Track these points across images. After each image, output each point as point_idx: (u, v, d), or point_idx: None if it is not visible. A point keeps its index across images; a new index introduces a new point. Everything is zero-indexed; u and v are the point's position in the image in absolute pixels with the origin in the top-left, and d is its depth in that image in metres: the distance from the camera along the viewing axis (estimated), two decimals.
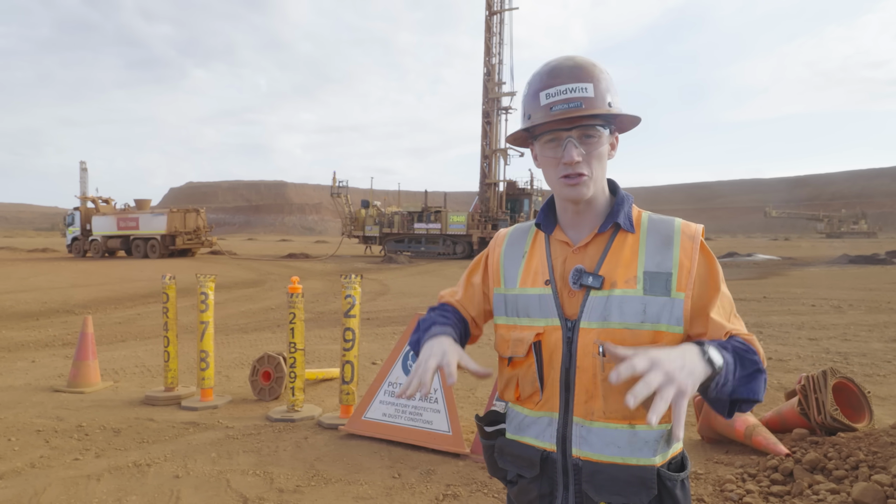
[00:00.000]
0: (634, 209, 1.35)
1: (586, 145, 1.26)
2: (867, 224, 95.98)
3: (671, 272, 1.24)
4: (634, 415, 1.21)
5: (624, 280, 1.24)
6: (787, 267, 24.44)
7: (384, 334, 8.81)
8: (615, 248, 1.29)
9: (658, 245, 1.27)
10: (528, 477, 1.32)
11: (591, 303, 1.25)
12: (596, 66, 1.28)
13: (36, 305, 12.28)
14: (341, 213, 36.92)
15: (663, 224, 1.31)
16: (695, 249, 1.25)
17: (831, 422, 3.86)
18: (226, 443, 4.26)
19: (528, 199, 33.39)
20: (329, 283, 17.81)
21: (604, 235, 1.31)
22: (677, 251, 1.25)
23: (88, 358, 5.79)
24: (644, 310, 1.22)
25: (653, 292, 1.23)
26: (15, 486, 3.52)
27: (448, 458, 3.96)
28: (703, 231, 1.31)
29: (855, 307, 11.39)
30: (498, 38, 33.06)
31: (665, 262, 1.25)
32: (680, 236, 1.27)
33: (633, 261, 1.26)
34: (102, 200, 35.32)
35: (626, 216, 1.31)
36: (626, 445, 1.22)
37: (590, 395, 1.24)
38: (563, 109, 1.23)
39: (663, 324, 1.22)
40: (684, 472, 1.26)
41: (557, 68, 1.27)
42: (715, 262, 1.28)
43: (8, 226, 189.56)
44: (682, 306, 1.22)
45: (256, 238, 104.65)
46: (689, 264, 1.24)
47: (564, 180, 1.27)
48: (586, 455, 1.24)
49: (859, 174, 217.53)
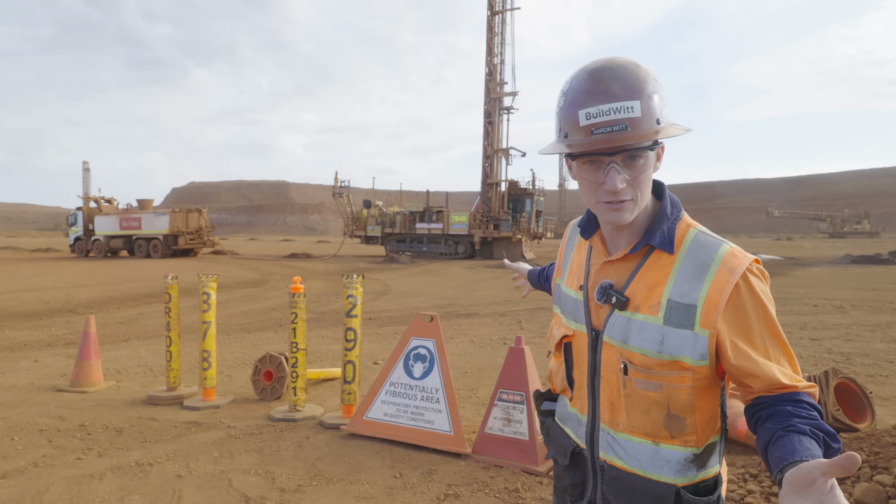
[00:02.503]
0: (682, 224, 1.21)
1: (631, 168, 1.14)
2: (870, 224, 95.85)
3: (696, 305, 1.13)
4: (658, 433, 1.19)
5: (647, 305, 1.17)
6: (789, 267, 24.40)
7: (386, 334, 8.81)
8: (646, 268, 1.20)
9: (690, 273, 1.15)
10: (561, 464, 1.36)
11: (613, 320, 1.22)
12: (644, 75, 1.12)
13: (39, 305, 12.31)
14: (343, 213, 36.94)
15: (705, 249, 1.16)
16: (729, 284, 1.11)
17: (833, 422, 3.86)
18: (228, 442, 4.27)
19: (531, 198, 33.36)
20: (331, 283, 17.82)
21: (636, 254, 1.23)
22: (708, 284, 1.13)
23: (91, 358, 5.80)
24: (662, 340, 1.15)
25: (673, 323, 1.14)
26: (18, 486, 3.53)
27: (449, 457, 3.97)
28: (752, 263, 1.14)
29: (857, 307, 11.37)
30: (500, 37, 33.04)
31: (692, 293, 1.14)
32: (717, 267, 1.13)
33: (660, 285, 1.17)
34: (105, 200, 35.39)
35: (666, 235, 1.19)
36: (648, 461, 1.21)
37: (613, 407, 1.24)
38: (605, 134, 1.09)
39: (686, 356, 1.15)
40: (710, 496, 1.21)
41: (599, 79, 1.11)
42: (759, 301, 1.13)
43: (11, 226, 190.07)
44: (707, 344, 1.13)
45: (258, 238, 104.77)
46: (717, 299, 1.11)
47: (606, 206, 1.17)
48: (612, 460, 1.25)
49: (862, 174, 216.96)
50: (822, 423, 1.07)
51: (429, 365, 4.26)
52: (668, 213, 1.21)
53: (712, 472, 1.23)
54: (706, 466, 1.21)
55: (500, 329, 9.32)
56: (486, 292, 15.27)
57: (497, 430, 3.95)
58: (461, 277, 20.28)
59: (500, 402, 4.00)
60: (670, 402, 1.17)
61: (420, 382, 4.25)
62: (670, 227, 1.20)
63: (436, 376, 4.21)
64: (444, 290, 15.78)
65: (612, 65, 1.12)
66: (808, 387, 1.14)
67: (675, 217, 1.22)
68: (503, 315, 10.95)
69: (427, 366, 4.26)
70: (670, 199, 1.24)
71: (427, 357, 4.28)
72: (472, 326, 9.60)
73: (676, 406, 1.17)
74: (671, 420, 1.18)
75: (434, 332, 4.30)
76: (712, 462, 1.23)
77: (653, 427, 1.19)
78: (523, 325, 9.66)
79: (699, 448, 1.19)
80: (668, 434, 1.18)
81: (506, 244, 31.82)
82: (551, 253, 41.73)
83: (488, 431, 3.98)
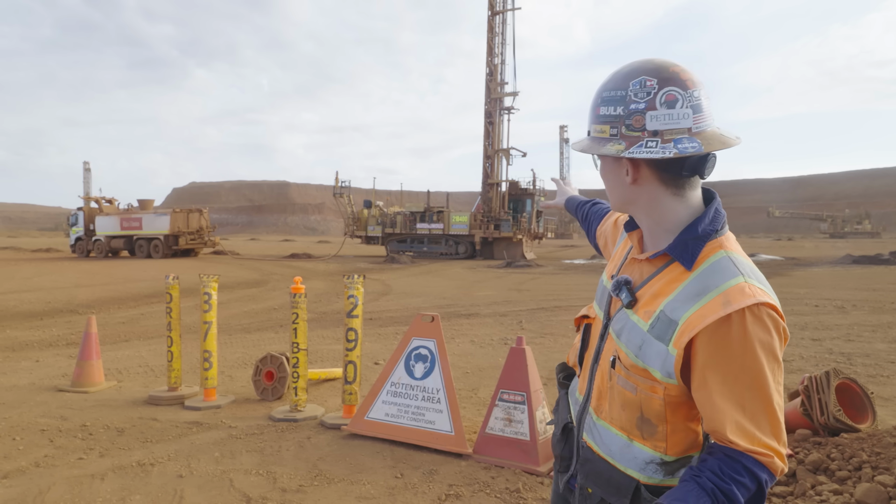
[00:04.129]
0: (714, 242, 1.15)
1: None
2: (871, 224, 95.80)
3: (677, 323, 1.11)
4: (631, 430, 1.22)
5: (644, 310, 1.19)
6: (790, 267, 24.38)
7: (387, 334, 8.82)
8: (661, 276, 1.20)
9: (690, 293, 1.12)
10: (556, 435, 1.44)
11: (618, 315, 1.27)
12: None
13: (40, 305, 12.32)
14: (344, 213, 36.95)
15: (719, 275, 1.11)
16: (716, 315, 1.05)
17: (834, 423, 3.85)
18: (229, 442, 4.28)
19: (531, 199, 33.36)
20: (332, 283, 17.82)
21: (660, 258, 1.21)
22: (697, 307, 1.09)
23: (92, 358, 5.81)
24: (640, 346, 1.17)
25: (654, 334, 1.15)
26: (19, 486, 3.53)
27: (451, 458, 3.97)
28: (761, 307, 1.06)
29: (858, 307, 11.36)
30: (500, 37, 33.06)
31: (680, 310, 1.12)
32: (715, 296, 1.08)
33: (663, 296, 1.17)
34: (106, 200, 35.41)
35: (689, 251, 1.15)
36: (619, 452, 1.24)
37: (601, 395, 1.30)
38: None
39: (656, 370, 1.15)
40: None
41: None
42: (749, 346, 1.05)
43: (12, 226, 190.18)
44: (674, 363, 1.11)
45: (259, 238, 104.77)
46: (696, 323, 1.07)
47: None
48: (589, 442, 1.32)
49: (863, 174, 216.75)
50: (735, 492, 1.04)
51: (430, 365, 4.26)
52: (697, 228, 1.16)
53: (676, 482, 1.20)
54: (674, 475, 1.19)
55: (500, 329, 9.31)
56: (486, 292, 15.27)
57: (498, 431, 3.96)
58: (462, 277, 20.29)
59: (501, 402, 4.00)
60: (643, 406, 1.19)
61: (421, 383, 4.25)
62: (696, 243, 1.15)
63: (437, 376, 4.21)
64: (444, 291, 15.78)
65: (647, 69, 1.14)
66: (763, 455, 1.05)
67: (708, 233, 1.16)
68: (504, 315, 10.95)
69: (428, 366, 4.26)
70: (714, 213, 1.18)
71: (428, 357, 4.28)
72: (472, 327, 9.60)
73: (649, 412, 1.19)
74: (643, 423, 1.20)
75: (435, 332, 4.30)
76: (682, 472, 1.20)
77: (628, 423, 1.23)
78: (524, 326, 9.66)
79: (670, 456, 1.19)
80: (640, 434, 1.21)
81: (506, 244, 31.82)
82: (552, 253, 41.71)
83: (489, 432, 3.99)
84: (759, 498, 1.09)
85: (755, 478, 1.06)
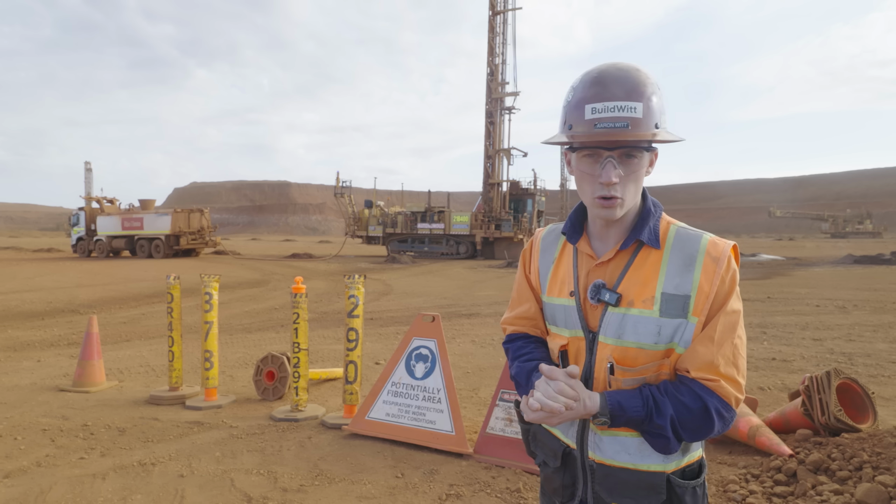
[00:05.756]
0: (663, 220, 1.30)
1: (626, 165, 1.22)
2: (872, 224, 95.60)
3: (689, 295, 1.21)
4: None
5: (641, 300, 1.23)
6: (791, 267, 24.36)
7: (387, 334, 8.82)
8: (636, 265, 1.27)
9: (680, 266, 1.23)
10: (551, 466, 1.39)
11: (608, 318, 1.26)
12: (648, 81, 1.20)
13: (41, 305, 12.33)
14: (345, 213, 36.96)
15: (689, 242, 1.25)
16: (717, 273, 1.21)
17: (835, 422, 3.85)
18: (230, 442, 4.28)
19: (532, 199, 33.38)
20: (332, 283, 17.83)
21: (627, 251, 1.29)
22: (698, 274, 1.21)
23: (93, 357, 5.81)
24: (659, 331, 1.22)
25: (668, 314, 1.22)
26: (21, 485, 3.54)
27: (451, 458, 3.97)
28: (733, 249, 1.24)
29: (859, 307, 11.35)
30: (501, 37, 33.05)
31: (684, 284, 1.22)
32: (703, 258, 1.22)
33: (652, 279, 1.24)
34: (107, 201, 35.45)
35: (652, 231, 1.27)
36: (636, 452, 1.26)
37: None
38: (607, 129, 1.17)
39: (675, 342, 1.23)
40: (697, 479, 1.28)
41: (607, 80, 1.19)
42: (733, 283, 1.23)
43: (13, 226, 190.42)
44: (693, 330, 1.22)
45: (260, 238, 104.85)
46: (708, 288, 1.20)
47: (599, 201, 1.24)
48: (600, 459, 1.29)
49: (864, 174, 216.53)
50: (664, 402, 1.19)
51: (430, 365, 4.26)
52: (652, 211, 1.29)
53: (696, 456, 1.30)
54: (689, 451, 1.28)
55: (501, 329, 9.31)
56: (487, 292, 15.27)
57: (499, 430, 3.96)
58: (463, 277, 20.28)
59: (501, 402, 4.00)
60: None
61: (422, 382, 4.26)
62: (655, 224, 1.28)
63: (437, 376, 4.21)
64: (445, 290, 15.78)
65: (619, 68, 1.22)
66: (710, 381, 1.20)
67: (658, 215, 1.30)
68: None
69: (429, 366, 4.27)
70: (651, 199, 1.32)
71: (429, 357, 4.28)
72: (473, 326, 9.61)
73: None
74: None
75: (436, 332, 4.30)
76: (695, 446, 1.30)
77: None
78: None
79: None
80: None
81: (507, 244, 31.82)
82: None
83: (490, 431, 3.99)
84: (707, 422, 1.18)
85: (699, 399, 1.19)
